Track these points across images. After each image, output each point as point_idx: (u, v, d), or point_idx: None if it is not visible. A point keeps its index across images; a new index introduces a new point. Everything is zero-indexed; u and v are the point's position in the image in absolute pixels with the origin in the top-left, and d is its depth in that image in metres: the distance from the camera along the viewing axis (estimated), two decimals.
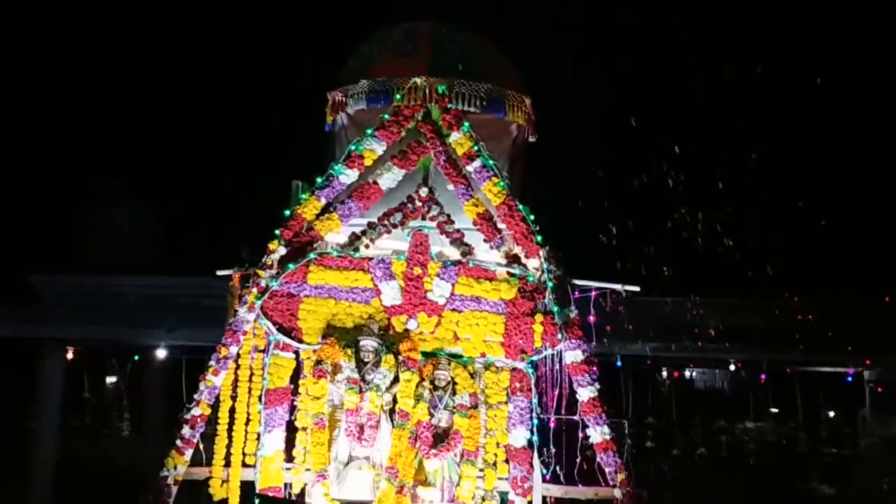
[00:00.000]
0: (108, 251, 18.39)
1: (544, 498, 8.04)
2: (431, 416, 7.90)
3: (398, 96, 8.42)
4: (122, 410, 17.01)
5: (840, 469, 15.41)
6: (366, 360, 8.00)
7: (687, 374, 19.96)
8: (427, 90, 8.21)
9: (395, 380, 7.95)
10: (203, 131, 20.17)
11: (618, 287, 8.51)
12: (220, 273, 8.79)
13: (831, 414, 18.89)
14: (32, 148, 20.20)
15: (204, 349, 15.57)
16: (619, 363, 15.38)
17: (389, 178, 8.53)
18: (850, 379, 15.50)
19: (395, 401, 7.95)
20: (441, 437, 7.88)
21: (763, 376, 17.01)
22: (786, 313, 14.75)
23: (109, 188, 19.01)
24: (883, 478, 13.65)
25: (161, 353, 16.80)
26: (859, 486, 14.03)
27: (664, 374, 19.00)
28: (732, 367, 15.92)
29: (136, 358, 19.04)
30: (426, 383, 7.98)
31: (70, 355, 16.82)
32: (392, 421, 7.91)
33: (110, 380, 20.51)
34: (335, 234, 8.56)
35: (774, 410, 19.41)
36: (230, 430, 8.32)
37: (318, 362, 8.05)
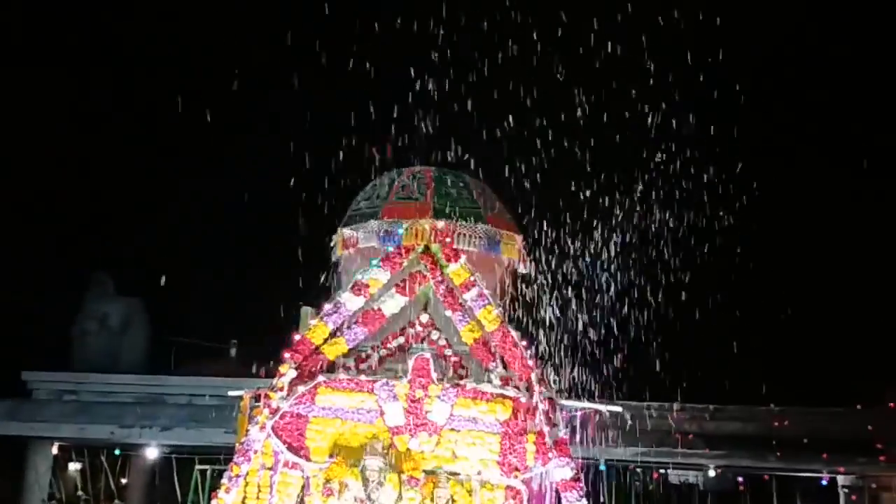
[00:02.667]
0: (100, 348, 18.78)
1: None
2: None
3: (402, 232, 9.22)
4: None
5: None
6: (371, 479, 8.52)
7: (667, 474, 20.36)
8: (431, 232, 9.05)
9: (399, 498, 8.47)
10: (199, 234, 20.93)
11: (601, 407, 9.20)
12: (231, 394, 9.37)
13: None
14: (25, 240, 20.67)
15: (195, 448, 15.92)
16: (602, 467, 15.89)
17: (393, 304, 9.27)
18: (824, 483, 16.06)
19: None
20: None
21: (741, 480, 17.55)
22: (762, 420, 15.43)
23: (102, 283, 19.53)
24: None
25: (152, 453, 17.08)
26: None
27: (643, 476, 19.46)
28: (712, 473, 16.42)
29: (118, 453, 19.19)
30: (428, 501, 8.51)
31: (55, 450, 16.99)
32: None
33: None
34: (341, 357, 9.20)
35: None
36: None
37: (327, 481, 8.57)
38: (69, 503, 17.96)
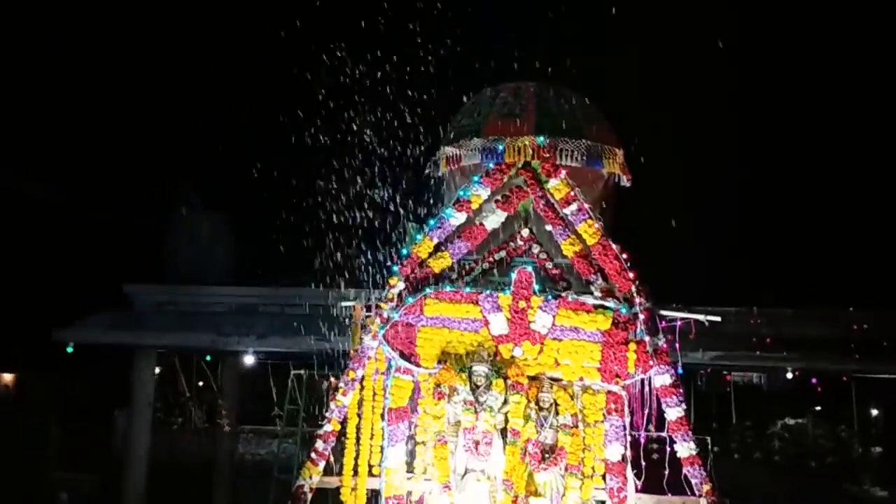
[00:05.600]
0: (190, 261, 19.58)
1: None
2: (539, 434, 8.96)
3: (503, 149, 9.41)
4: (221, 409, 18.17)
5: (891, 471, 16.17)
6: (478, 383, 9.05)
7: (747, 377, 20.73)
8: (532, 148, 9.23)
9: (505, 401, 9.01)
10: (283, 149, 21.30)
11: (700, 317, 9.49)
12: (343, 304, 9.90)
13: (880, 417, 19.61)
14: (116, 157, 21.36)
15: (287, 355, 16.77)
16: (680, 370, 16.34)
17: (494, 219, 9.58)
18: None
19: (505, 420, 9.01)
20: (548, 453, 8.95)
21: (817, 383, 17.82)
22: (841, 323, 15.53)
23: (190, 199, 20.20)
24: None
25: (249, 359, 18.02)
26: None
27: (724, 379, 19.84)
28: (790, 376, 16.70)
29: (211, 360, 20.24)
30: (532, 405, 9.04)
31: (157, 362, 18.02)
32: (503, 438, 8.98)
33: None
34: (447, 270, 9.62)
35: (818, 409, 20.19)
36: (357, 443, 9.44)
37: (437, 385, 9.14)
38: (175, 404, 19.25)
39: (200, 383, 21.35)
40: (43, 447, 18.03)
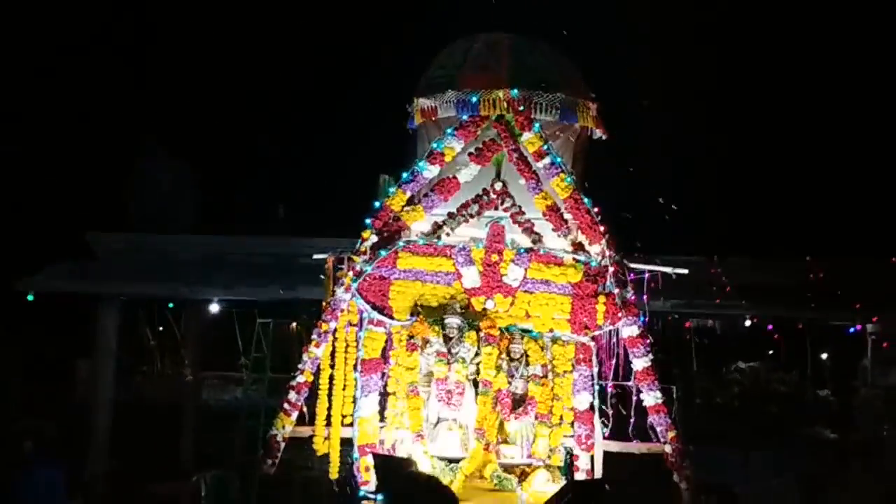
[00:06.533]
0: (154, 209, 19.35)
1: (604, 452, 9.34)
2: (510, 384, 9.17)
3: (477, 101, 9.36)
4: (184, 357, 18.12)
5: (842, 416, 16.80)
6: (451, 335, 9.19)
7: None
8: (507, 101, 9.20)
9: (477, 353, 9.17)
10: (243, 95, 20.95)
11: (668, 270, 9.69)
12: (316, 256, 9.88)
13: (829, 363, 20.30)
14: (78, 104, 20.76)
15: (253, 303, 16.73)
16: (642, 318, 16.69)
17: (467, 173, 9.59)
18: (852, 330, 16.79)
19: (477, 371, 9.18)
20: (518, 403, 9.17)
21: (773, 329, 18.31)
22: (797, 272, 15.94)
23: (154, 147, 19.87)
24: (883, 424, 15.00)
25: (214, 307, 17.95)
26: (860, 432, 15.41)
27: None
28: (748, 323, 17.14)
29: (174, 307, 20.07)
30: (504, 355, 9.22)
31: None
32: (475, 388, 9.17)
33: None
34: (420, 223, 9.64)
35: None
36: (330, 394, 9.54)
37: (410, 337, 9.25)
38: (139, 352, 19.10)
39: (161, 328, 21.24)
40: (4, 397, 17.87)
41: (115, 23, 21.29)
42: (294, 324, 17.07)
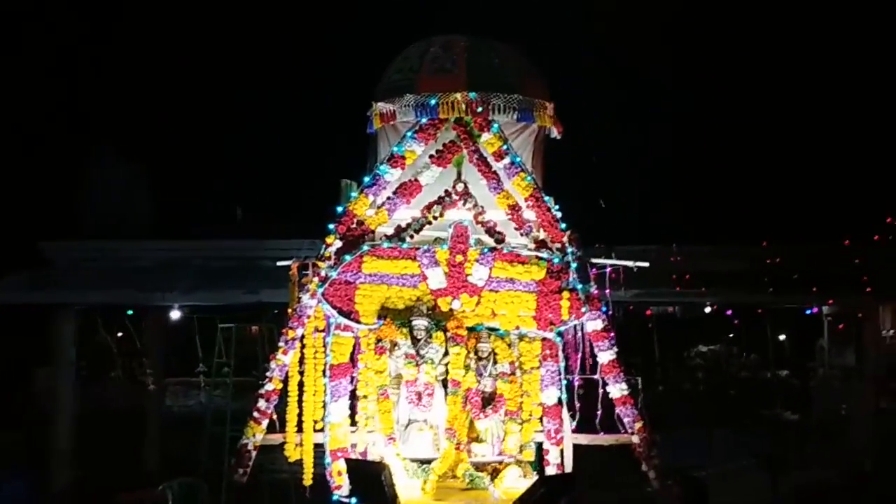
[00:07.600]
0: (109, 215, 19.06)
1: (574, 445, 9.49)
2: (478, 383, 9.26)
3: (435, 103, 9.40)
4: (144, 366, 17.95)
5: (801, 396, 17.27)
6: (419, 337, 9.25)
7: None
8: (465, 103, 9.26)
9: (445, 353, 9.24)
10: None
11: (629, 263, 9.87)
12: (280, 263, 9.85)
13: (787, 344, 20.83)
14: (25, 109, 20.33)
15: (214, 308, 16.60)
16: (604, 309, 16.95)
17: (428, 175, 9.63)
18: (809, 312, 17.23)
19: (446, 371, 9.26)
20: (488, 401, 9.27)
21: (732, 314, 18.72)
22: (755, 258, 16.29)
23: (106, 151, 19.56)
24: (840, 404, 15.45)
25: (175, 314, 17.76)
26: (818, 412, 15.86)
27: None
28: (707, 309, 17.50)
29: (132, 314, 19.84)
30: (472, 355, 9.30)
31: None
32: (445, 388, 9.24)
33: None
34: (383, 227, 9.67)
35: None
36: (300, 401, 9.54)
37: (378, 340, 9.29)
38: (98, 360, 18.88)
39: (120, 334, 21.00)
40: None
41: (61, 23, 20.88)
42: (255, 327, 16.94)
